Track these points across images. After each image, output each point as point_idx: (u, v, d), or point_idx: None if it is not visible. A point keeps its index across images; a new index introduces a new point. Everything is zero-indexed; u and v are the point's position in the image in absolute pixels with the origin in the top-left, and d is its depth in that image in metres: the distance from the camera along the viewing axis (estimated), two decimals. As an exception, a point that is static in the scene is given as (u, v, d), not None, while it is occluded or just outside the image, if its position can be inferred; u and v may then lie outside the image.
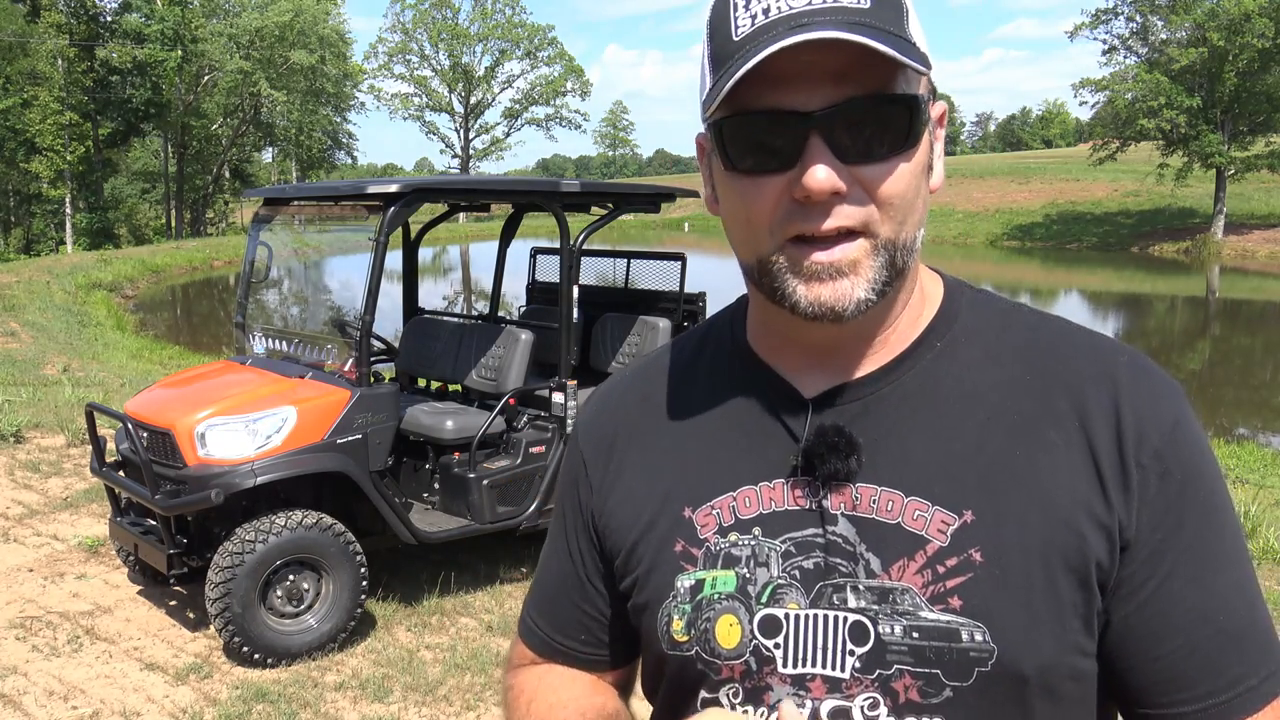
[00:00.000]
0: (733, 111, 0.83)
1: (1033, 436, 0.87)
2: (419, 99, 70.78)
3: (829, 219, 0.82)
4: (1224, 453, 9.59)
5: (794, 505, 0.91)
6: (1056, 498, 0.85)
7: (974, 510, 0.85)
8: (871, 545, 0.87)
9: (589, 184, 6.03)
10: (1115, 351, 0.91)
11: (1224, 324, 24.38)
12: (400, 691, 4.43)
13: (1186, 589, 0.85)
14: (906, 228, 0.85)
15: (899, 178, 0.83)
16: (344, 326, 5.48)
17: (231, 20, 50.01)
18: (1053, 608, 0.84)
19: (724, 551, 0.92)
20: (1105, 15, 40.92)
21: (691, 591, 0.92)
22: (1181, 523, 0.85)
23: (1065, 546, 0.84)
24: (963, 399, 0.90)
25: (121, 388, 10.82)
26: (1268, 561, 6.03)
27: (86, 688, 4.46)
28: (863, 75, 0.79)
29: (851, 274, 0.83)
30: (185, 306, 27.91)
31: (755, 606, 0.90)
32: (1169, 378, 0.90)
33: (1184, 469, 0.86)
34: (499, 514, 5.33)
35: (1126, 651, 0.86)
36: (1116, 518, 0.84)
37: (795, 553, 0.90)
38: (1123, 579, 0.85)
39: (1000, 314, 0.96)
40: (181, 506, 4.62)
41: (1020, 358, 0.91)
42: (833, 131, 0.80)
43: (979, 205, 51.57)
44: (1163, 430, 0.86)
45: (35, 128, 40.44)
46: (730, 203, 0.88)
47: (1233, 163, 37.50)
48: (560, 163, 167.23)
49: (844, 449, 0.88)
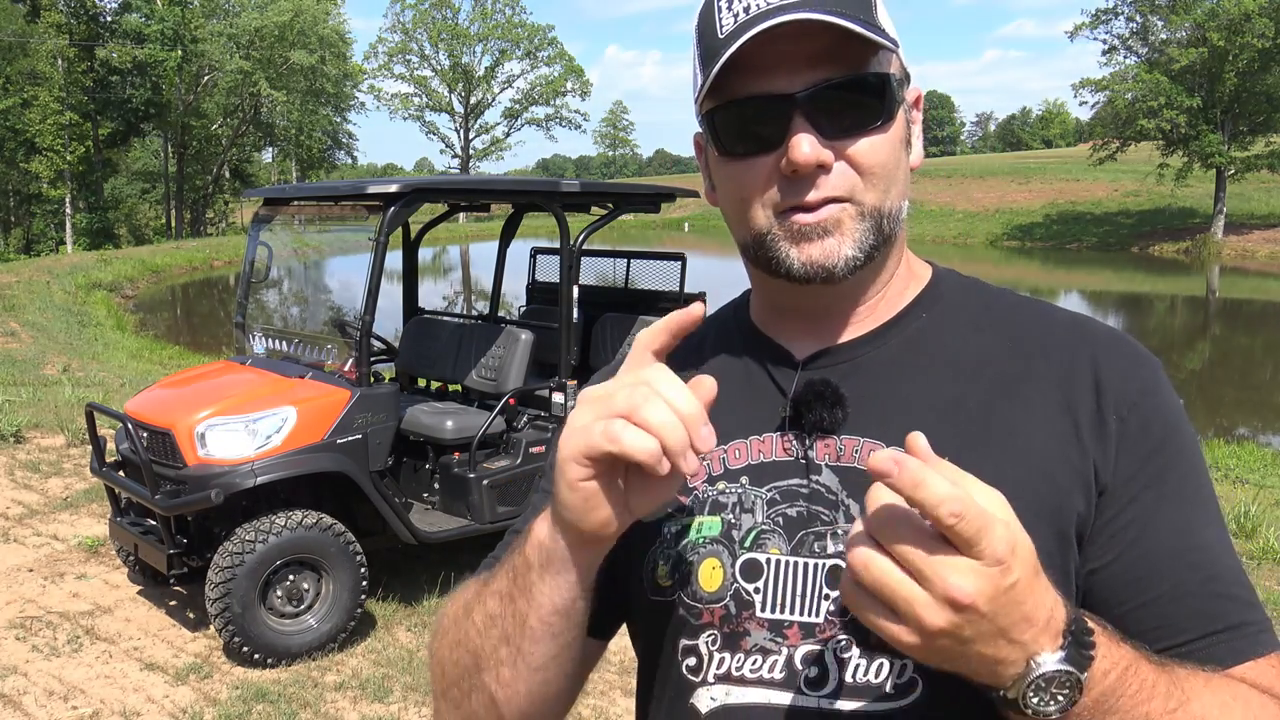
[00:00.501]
0: (722, 101, 0.90)
1: (1013, 394, 0.91)
2: (419, 99, 70.80)
3: (815, 190, 0.88)
4: (1224, 453, 9.60)
5: (781, 456, 0.95)
6: (1034, 450, 0.88)
7: (952, 460, 0.86)
8: (853, 493, 0.91)
9: (589, 184, 6.03)
10: (1094, 324, 0.96)
11: (1224, 324, 24.39)
12: (400, 691, 4.43)
13: (1172, 537, 0.87)
14: (890, 196, 0.91)
15: (878, 149, 0.89)
16: (344, 326, 5.48)
17: (231, 20, 49.97)
18: None
19: (711, 499, 0.95)
20: (1105, 15, 40.97)
21: (677, 537, 0.95)
22: (1163, 474, 0.88)
23: (1042, 496, 0.86)
24: (947, 362, 0.95)
25: (121, 388, 10.82)
26: (1268, 561, 6.03)
27: (86, 688, 4.47)
28: (837, 58, 0.86)
29: (837, 232, 0.89)
30: (185, 306, 27.91)
31: (738, 550, 0.93)
32: (1147, 350, 0.95)
33: (1163, 424, 0.90)
34: (499, 514, 5.33)
35: (1114, 600, 0.87)
36: (1092, 463, 0.88)
37: (779, 500, 0.93)
38: (1103, 525, 0.88)
39: (985, 292, 1.01)
40: (181, 506, 4.62)
41: (1003, 327, 0.96)
42: (814, 110, 0.86)
43: (979, 205, 51.59)
44: (1144, 389, 0.91)
45: (35, 128, 40.45)
46: (726, 187, 0.94)
47: (1233, 163, 37.52)
48: (560, 163, 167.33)
49: (830, 399, 0.92)
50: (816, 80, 0.86)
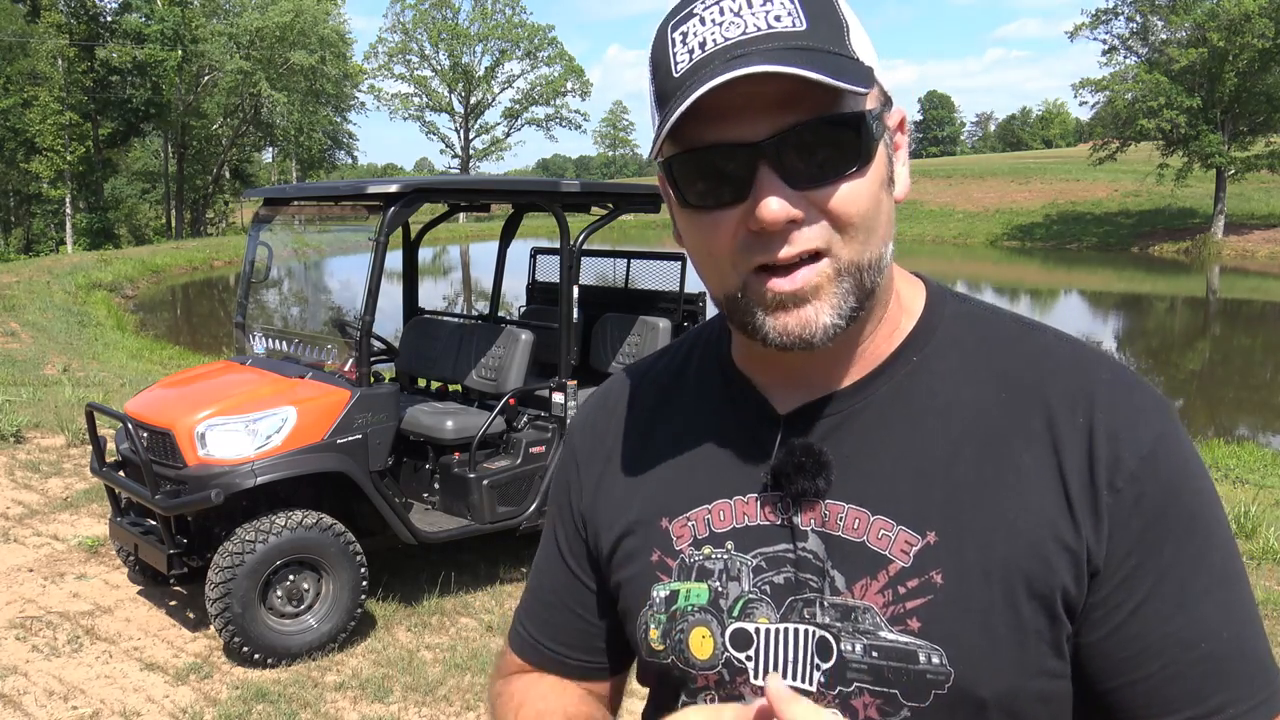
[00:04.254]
0: (681, 149, 0.83)
1: (1003, 457, 0.86)
2: (419, 99, 70.82)
3: (788, 246, 0.81)
4: (1224, 453, 9.60)
5: (765, 520, 0.91)
6: (1022, 521, 0.83)
7: (937, 531, 0.85)
8: (838, 562, 0.88)
9: (589, 184, 6.03)
10: (1096, 367, 0.88)
11: (1224, 324, 24.38)
12: (400, 691, 4.43)
13: (1165, 613, 0.82)
14: (870, 247, 0.83)
15: (854, 198, 0.81)
16: (344, 326, 5.48)
17: (231, 20, 49.98)
18: (1014, 632, 0.83)
19: (698, 564, 0.93)
20: (1105, 15, 40.96)
21: (666, 602, 0.94)
22: (1159, 546, 0.83)
23: (1028, 571, 0.83)
24: (936, 414, 0.89)
25: (121, 388, 10.82)
26: (1268, 562, 6.03)
27: (86, 688, 4.46)
28: (805, 100, 0.78)
29: (815, 299, 0.82)
30: (185, 306, 27.90)
31: (727, 620, 0.91)
32: (1154, 393, 0.88)
33: (1163, 490, 0.83)
34: (499, 514, 5.33)
35: (1104, 675, 0.85)
36: (1085, 543, 0.82)
37: (766, 568, 0.91)
38: (1095, 604, 0.83)
39: (982, 324, 0.94)
40: (181, 506, 4.62)
41: (997, 373, 0.89)
42: (781, 159, 0.79)
43: (979, 205, 51.57)
44: (1140, 451, 0.83)
45: (35, 128, 40.44)
46: (691, 239, 0.88)
47: (1233, 163, 37.51)
48: (560, 163, 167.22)
49: (810, 469, 0.88)
50: (783, 125, 0.78)
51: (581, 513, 1.05)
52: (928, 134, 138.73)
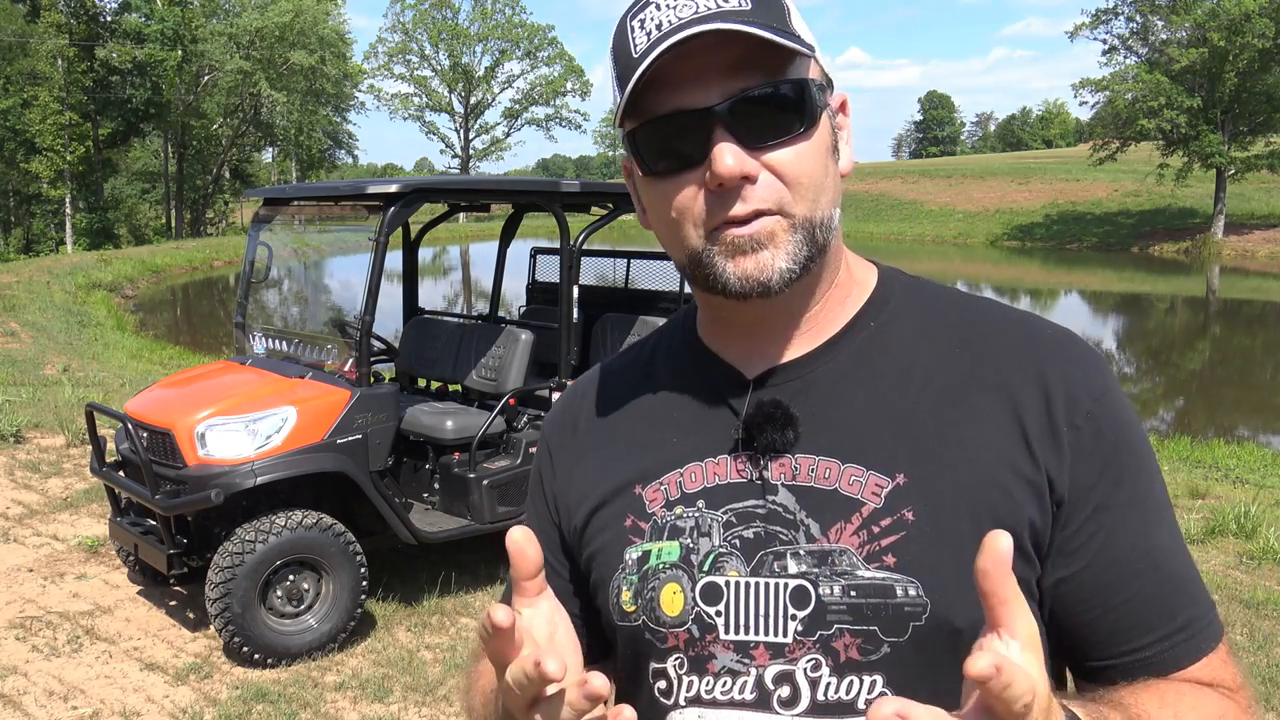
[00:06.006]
0: (642, 120, 0.90)
1: (962, 403, 0.92)
2: (419, 99, 70.77)
3: (743, 202, 0.87)
4: (1224, 453, 9.59)
5: (736, 478, 0.95)
6: (984, 458, 0.89)
7: (906, 473, 0.90)
8: (811, 511, 0.91)
9: (589, 184, 6.03)
10: (1040, 325, 0.96)
11: (1224, 324, 24.38)
12: (400, 691, 4.43)
13: (1135, 539, 0.90)
14: (820, 205, 0.90)
15: (803, 158, 0.88)
16: (344, 326, 5.48)
17: (231, 20, 49.95)
18: None
19: (669, 524, 0.96)
20: (1105, 15, 40.97)
21: (638, 563, 0.97)
22: (1120, 479, 0.90)
23: (994, 503, 0.88)
24: (896, 373, 0.95)
25: (121, 388, 10.82)
26: (1268, 562, 6.01)
27: (86, 688, 4.47)
28: (753, 67, 0.86)
29: (771, 245, 0.88)
30: (185, 306, 27.91)
31: (697, 574, 0.93)
32: (1094, 350, 0.96)
33: (1115, 429, 0.91)
34: (499, 514, 5.33)
35: (1082, 605, 0.90)
36: (1045, 475, 0.89)
37: (736, 523, 0.94)
38: (1067, 536, 0.89)
39: (932, 295, 1.01)
40: (181, 506, 4.62)
41: (951, 331, 0.97)
42: (734, 122, 0.86)
43: (979, 205, 51.58)
44: (1093, 394, 0.91)
45: (35, 128, 40.42)
46: (656, 207, 0.94)
47: (1233, 163, 37.52)
48: (560, 163, 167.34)
49: (781, 420, 0.93)
50: (734, 91, 0.86)
51: (554, 494, 1.08)
52: (928, 134, 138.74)
